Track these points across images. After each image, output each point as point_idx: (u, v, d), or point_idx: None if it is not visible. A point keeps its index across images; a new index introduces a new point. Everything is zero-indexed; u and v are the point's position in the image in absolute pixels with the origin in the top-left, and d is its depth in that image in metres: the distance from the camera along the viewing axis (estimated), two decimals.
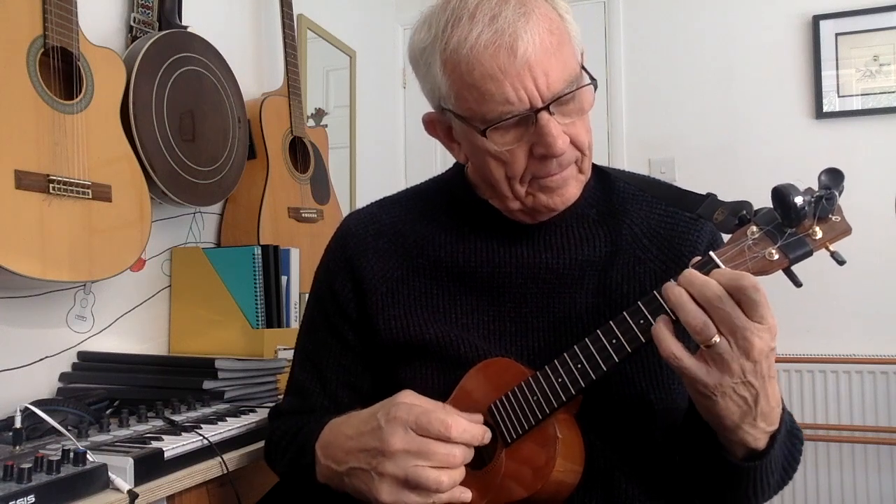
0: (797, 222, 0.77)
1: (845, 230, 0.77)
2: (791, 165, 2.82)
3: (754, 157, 2.93)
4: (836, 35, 2.87)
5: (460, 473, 0.85)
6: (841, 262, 0.77)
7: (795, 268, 0.79)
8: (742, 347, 0.75)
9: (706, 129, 3.02)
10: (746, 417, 0.79)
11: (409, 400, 0.88)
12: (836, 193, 0.76)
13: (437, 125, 1.01)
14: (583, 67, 0.92)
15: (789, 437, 0.88)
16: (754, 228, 0.79)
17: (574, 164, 0.94)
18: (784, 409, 0.85)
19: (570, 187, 0.95)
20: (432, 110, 1.00)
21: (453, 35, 0.88)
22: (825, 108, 2.88)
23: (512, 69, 0.85)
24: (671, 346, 0.78)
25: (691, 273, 0.78)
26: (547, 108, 0.87)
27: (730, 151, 2.97)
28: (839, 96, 2.87)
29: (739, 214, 0.81)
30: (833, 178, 0.76)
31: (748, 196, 0.86)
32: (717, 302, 0.75)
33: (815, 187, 0.78)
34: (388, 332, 1.01)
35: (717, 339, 0.75)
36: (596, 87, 0.93)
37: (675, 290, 0.78)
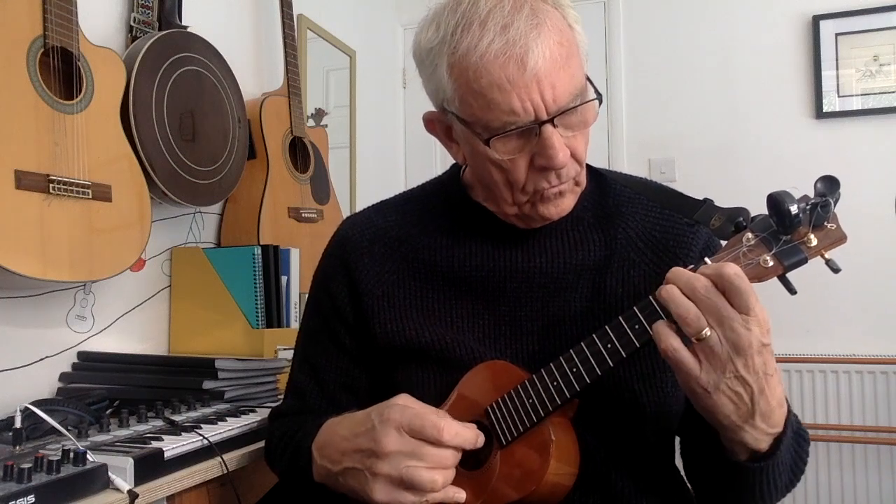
0: (792, 230, 0.77)
1: (840, 238, 0.78)
2: (791, 165, 2.83)
3: (754, 157, 2.93)
4: (836, 35, 2.87)
5: (452, 474, 0.86)
6: (836, 271, 0.77)
7: (794, 271, 0.79)
8: (730, 339, 0.75)
9: (706, 130, 3.02)
10: (745, 416, 0.79)
11: (404, 402, 0.89)
12: (832, 201, 0.77)
13: (437, 125, 1.01)
14: (588, 80, 0.92)
15: (796, 439, 0.88)
16: (750, 235, 0.79)
17: (572, 179, 0.94)
18: (789, 410, 0.85)
19: (566, 199, 0.96)
20: (433, 109, 0.99)
21: (463, 40, 0.87)
22: (825, 108, 2.88)
23: (520, 81, 0.85)
24: (670, 339, 0.78)
25: (678, 270, 0.79)
26: (551, 120, 0.87)
27: (730, 151, 2.97)
28: (839, 96, 2.87)
29: (736, 221, 0.82)
30: (829, 185, 0.77)
31: (748, 196, 0.86)
32: (704, 292, 0.76)
33: (812, 193, 0.78)
34: (384, 335, 1.02)
35: (707, 331, 0.76)
36: (601, 102, 0.93)
37: (665, 287, 0.79)
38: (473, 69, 0.87)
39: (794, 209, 0.75)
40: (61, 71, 1.41)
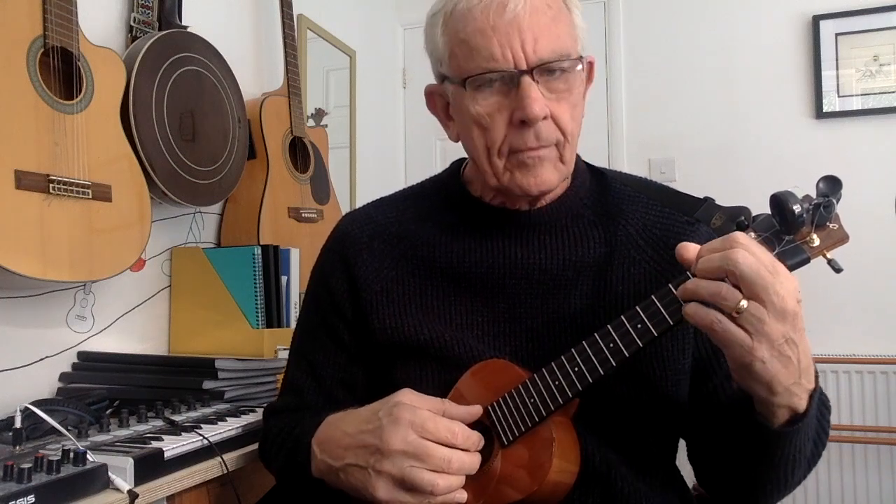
0: (795, 229, 0.77)
1: (843, 238, 0.78)
2: (791, 165, 2.83)
3: (754, 157, 2.93)
4: (836, 35, 2.87)
5: (458, 480, 0.86)
6: (838, 271, 0.77)
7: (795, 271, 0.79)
8: (777, 305, 0.74)
9: (706, 130, 3.02)
10: (795, 377, 0.78)
11: (410, 400, 0.89)
12: (835, 201, 0.77)
13: (436, 98, 1.03)
14: (581, 58, 0.94)
15: (818, 406, 0.86)
16: (752, 234, 0.79)
17: (554, 148, 0.94)
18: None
19: (546, 170, 0.95)
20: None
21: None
22: (825, 108, 2.88)
23: (500, 26, 0.89)
24: (710, 313, 0.76)
25: (711, 254, 0.76)
26: (531, 72, 0.89)
27: (730, 151, 2.97)
28: (839, 96, 2.87)
29: (738, 220, 0.81)
30: (831, 185, 0.77)
31: (748, 196, 0.86)
32: (732, 266, 0.73)
33: (814, 193, 0.78)
34: (382, 331, 1.02)
35: (744, 303, 0.74)
36: (592, 80, 0.97)
37: (687, 283, 0.78)
38: (461, 18, 0.92)
39: (797, 209, 0.75)
40: (61, 71, 1.41)
